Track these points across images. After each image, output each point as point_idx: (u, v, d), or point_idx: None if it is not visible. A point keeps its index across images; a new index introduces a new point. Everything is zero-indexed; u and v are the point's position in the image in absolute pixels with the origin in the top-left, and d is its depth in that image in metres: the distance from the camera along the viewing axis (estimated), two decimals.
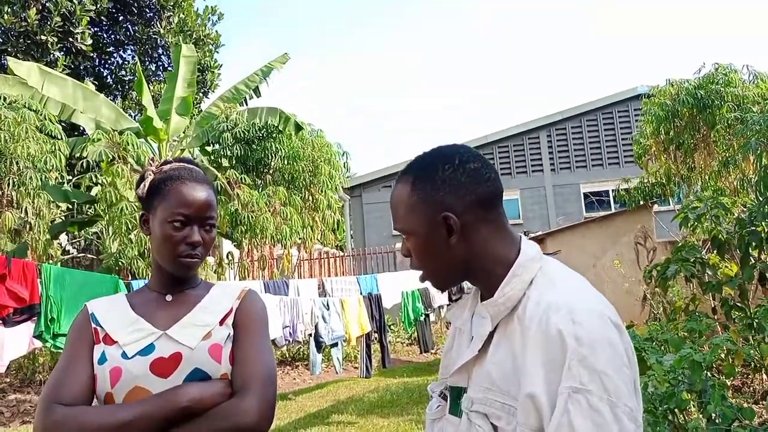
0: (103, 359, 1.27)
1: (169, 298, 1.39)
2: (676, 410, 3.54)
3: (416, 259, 1.12)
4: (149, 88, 14.26)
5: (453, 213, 1.05)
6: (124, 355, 1.27)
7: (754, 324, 3.75)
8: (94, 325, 1.33)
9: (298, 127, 9.24)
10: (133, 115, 13.31)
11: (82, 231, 11.20)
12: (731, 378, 4.73)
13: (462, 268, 1.10)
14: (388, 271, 11.76)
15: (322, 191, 9.56)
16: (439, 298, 8.06)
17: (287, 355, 10.43)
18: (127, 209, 7.25)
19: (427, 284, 1.19)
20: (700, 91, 7.30)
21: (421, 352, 8.71)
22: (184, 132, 10.11)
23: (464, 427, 1.05)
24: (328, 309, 6.24)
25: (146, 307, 1.37)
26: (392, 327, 11.22)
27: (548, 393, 0.90)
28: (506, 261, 1.07)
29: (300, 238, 9.46)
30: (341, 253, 15.29)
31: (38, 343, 3.96)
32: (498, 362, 1.01)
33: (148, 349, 1.28)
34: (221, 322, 1.35)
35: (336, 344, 6.41)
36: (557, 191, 17.73)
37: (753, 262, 4.24)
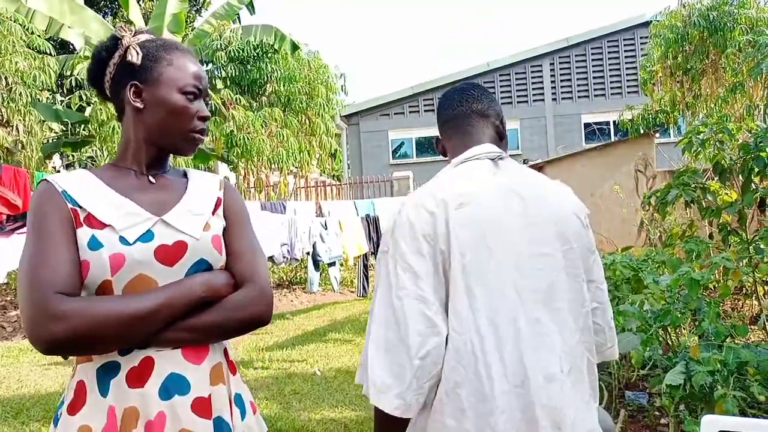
0: (96, 244, 1.14)
1: (152, 180, 1.28)
2: (669, 328, 3.60)
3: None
4: (141, 6, 13.70)
5: (439, 128, 1.51)
6: (124, 241, 1.15)
7: (750, 249, 3.75)
8: (71, 206, 1.16)
9: (294, 47, 8.94)
10: None
11: (76, 155, 11.05)
12: (723, 301, 4.80)
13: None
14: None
15: (318, 114, 9.36)
16: None
17: (284, 278, 10.57)
18: (119, 128, 7.10)
19: None
20: (713, 12, 7.03)
21: None
22: None
23: None
24: (326, 229, 6.24)
25: (128, 188, 1.23)
26: None
27: None
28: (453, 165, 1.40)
29: (296, 164, 9.36)
30: (338, 183, 15.22)
31: None
32: None
33: (148, 236, 1.18)
34: (213, 212, 1.31)
35: (333, 263, 6.46)
36: (558, 121, 17.50)
37: (754, 188, 4.20)
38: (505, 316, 1.18)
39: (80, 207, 1.17)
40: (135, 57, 1.22)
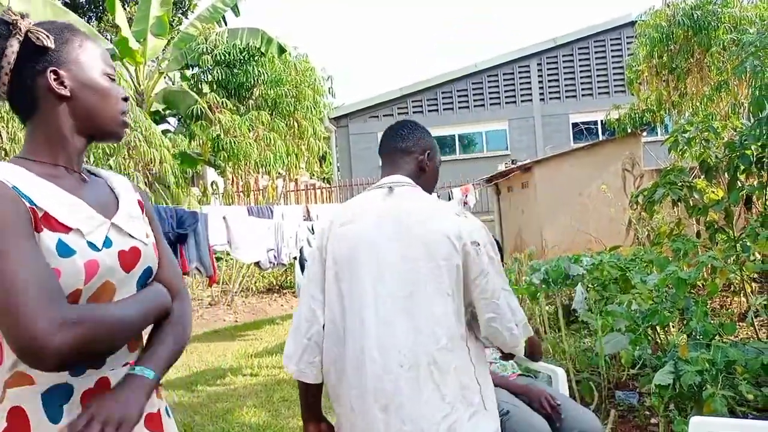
0: (67, 250, 1.01)
1: (86, 178, 1.17)
2: (657, 327, 3.59)
3: None
4: (126, 10, 13.60)
5: None
6: (93, 246, 1.05)
7: (737, 246, 3.75)
8: (28, 204, 1.00)
9: (281, 50, 8.90)
10: (109, 38, 12.74)
11: None
12: (711, 299, 4.81)
13: None
14: None
15: (306, 117, 9.32)
16: None
17: (274, 283, 10.51)
18: None
19: None
20: (697, 12, 7.07)
21: None
22: (162, 54, 9.69)
23: None
24: (313, 233, 6.20)
25: (68, 187, 1.09)
26: None
27: None
28: None
29: (284, 168, 9.31)
30: (327, 185, 15.17)
31: None
32: None
33: (108, 241, 1.09)
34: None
35: None
36: (546, 121, 17.54)
37: (740, 185, 4.21)
38: (360, 315, 1.49)
39: (36, 206, 1.01)
40: (48, 40, 1.08)
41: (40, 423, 1.01)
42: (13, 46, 1.06)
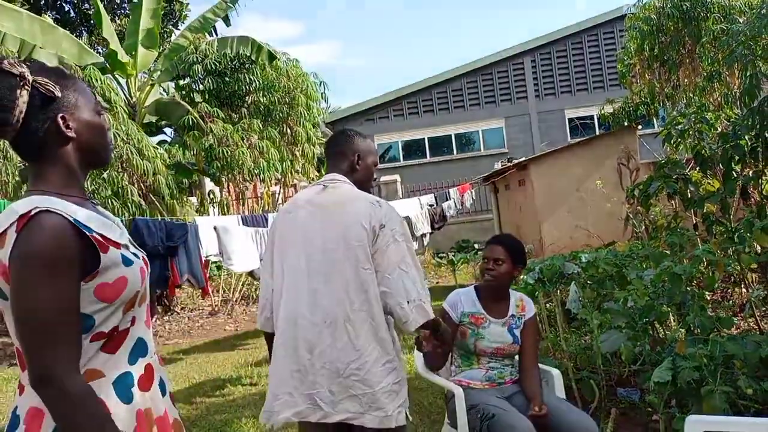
0: (129, 261, 1.23)
1: (94, 203, 1.34)
2: (655, 323, 3.55)
3: None
4: (116, 22, 13.61)
5: None
6: (137, 256, 1.28)
7: (735, 237, 3.71)
8: (89, 234, 1.16)
9: (272, 57, 8.86)
10: (101, 52, 12.73)
11: None
12: (711, 292, 4.76)
13: None
14: None
15: (300, 123, 9.29)
16: (422, 226, 8.01)
17: None
18: None
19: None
20: (686, 2, 7.04)
21: None
22: (153, 65, 9.66)
23: None
24: None
25: (95, 211, 1.28)
26: None
27: None
28: None
29: (279, 173, 9.27)
30: None
31: None
32: None
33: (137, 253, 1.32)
34: None
35: None
36: (542, 117, 17.50)
37: (735, 176, 4.17)
38: (295, 284, 1.92)
39: (96, 233, 1.19)
40: (56, 90, 1.21)
41: (116, 406, 1.19)
42: (23, 97, 1.17)
